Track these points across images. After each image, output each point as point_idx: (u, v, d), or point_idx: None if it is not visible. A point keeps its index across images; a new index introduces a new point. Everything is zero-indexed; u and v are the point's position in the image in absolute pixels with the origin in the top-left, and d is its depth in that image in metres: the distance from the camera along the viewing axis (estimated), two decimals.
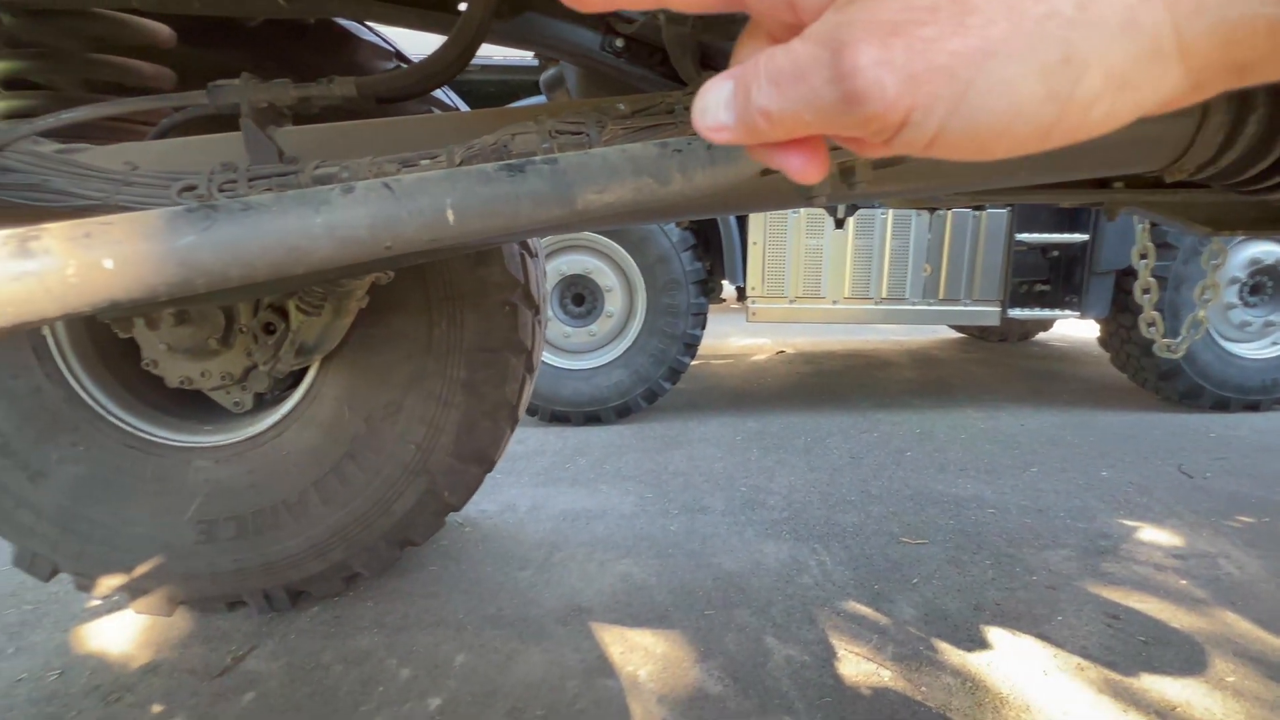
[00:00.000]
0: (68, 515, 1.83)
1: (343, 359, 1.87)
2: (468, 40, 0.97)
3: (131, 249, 0.51)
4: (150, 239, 0.52)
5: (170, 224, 0.53)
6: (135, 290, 0.52)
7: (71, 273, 0.50)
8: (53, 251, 0.50)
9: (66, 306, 0.52)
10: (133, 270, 0.52)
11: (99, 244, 0.51)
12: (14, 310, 0.50)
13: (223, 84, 0.91)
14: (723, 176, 0.68)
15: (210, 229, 0.54)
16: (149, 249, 0.52)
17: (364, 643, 1.86)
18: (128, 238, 0.51)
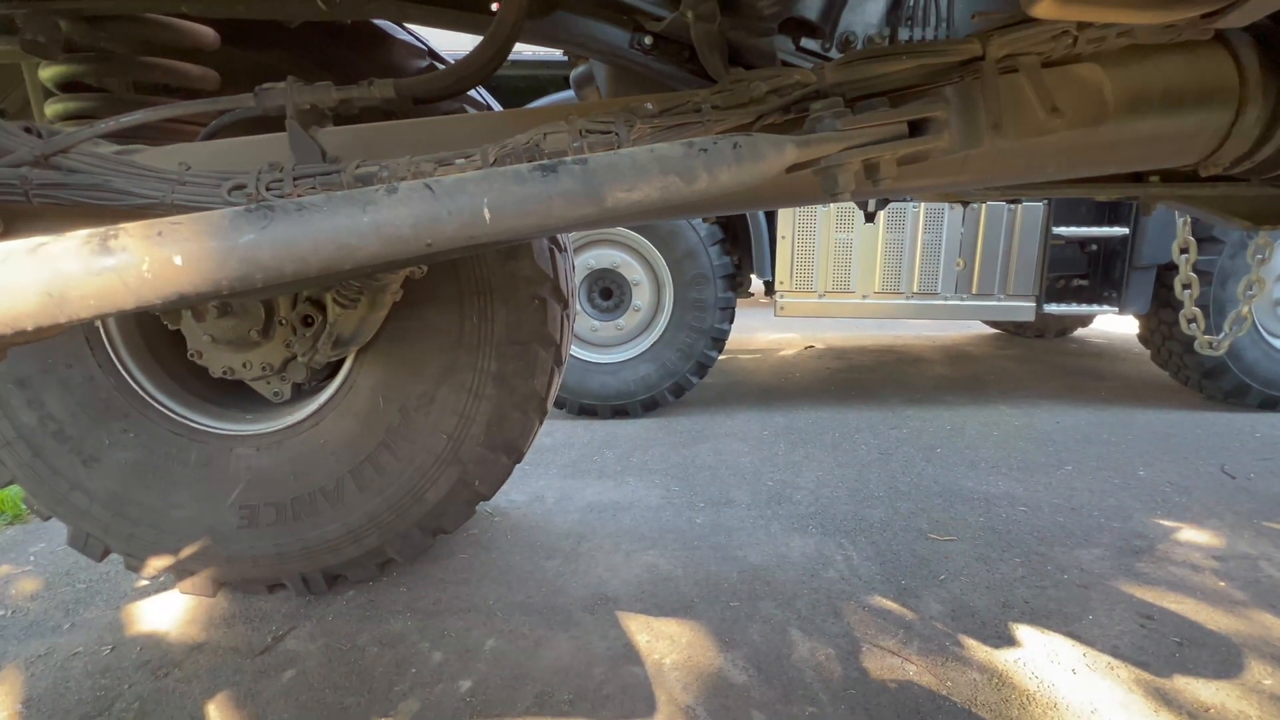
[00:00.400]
0: (118, 499, 1.91)
1: (378, 351, 1.92)
2: (501, 41, 1.00)
3: (199, 246, 0.55)
4: (215, 237, 0.56)
5: (233, 223, 0.57)
6: (202, 284, 0.56)
7: (146, 269, 0.54)
8: (130, 249, 0.54)
9: (142, 300, 0.56)
10: (200, 266, 0.56)
11: (170, 242, 0.55)
12: (96, 303, 0.55)
13: (269, 87, 0.95)
14: (748, 175, 0.69)
15: (268, 227, 0.57)
16: (214, 246, 0.55)
17: (397, 626, 1.92)
18: (195, 236, 0.55)
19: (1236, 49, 0.93)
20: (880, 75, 0.85)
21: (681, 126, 0.82)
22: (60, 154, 0.90)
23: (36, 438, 1.90)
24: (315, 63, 1.78)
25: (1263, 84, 0.92)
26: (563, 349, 2.15)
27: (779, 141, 0.74)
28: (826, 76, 0.85)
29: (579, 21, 1.32)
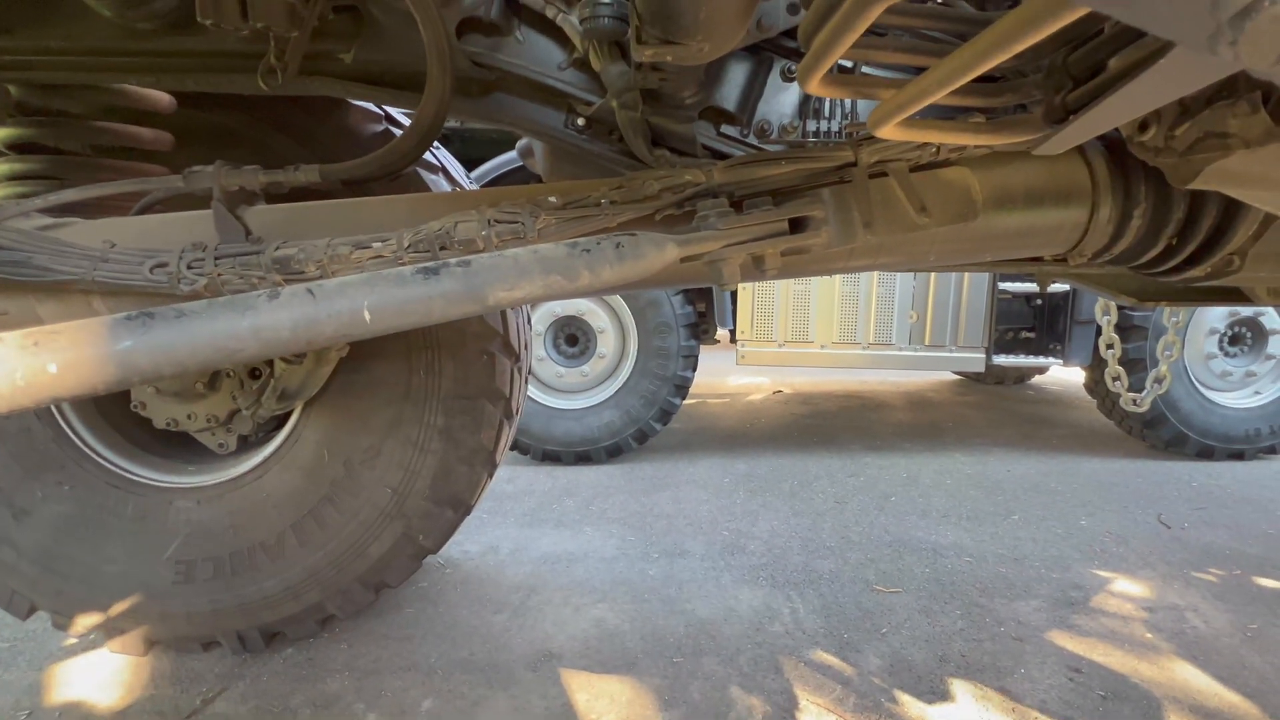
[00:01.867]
0: (49, 554, 1.88)
1: (324, 404, 1.94)
2: (425, 129, 1.06)
3: (75, 355, 0.59)
4: (92, 345, 0.59)
5: (111, 330, 0.60)
6: (76, 389, 0.60)
7: (21, 377, 0.57)
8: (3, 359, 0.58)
9: (13, 405, 0.59)
10: (75, 372, 0.59)
11: (45, 351, 0.58)
12: None
13: (197, 170, 1.00)
14: (630, 272, 0.75)
15: (147, 334, 0.61)
16: (90, 354, 0.59)
17: (334, 686, 1.89)
18: (72, 345, 0.59)
19: (1088, 155, 1.02)
20: (763, 177, 0.93)
21: (582, 219, 0.88)
22: None
23: None
24: (271, 125, 1.83)
25: (1111, 186, 1.01)
26: (513, 402, 2.18)
27: (661, 241, 0.80)
28: (715, 177, 0.92)
29: (516, 103, 1.40)
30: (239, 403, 1.90)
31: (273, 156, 1.81)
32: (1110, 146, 1.03)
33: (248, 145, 1.81)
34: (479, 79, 1.38)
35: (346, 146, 1.88)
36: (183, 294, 0.94)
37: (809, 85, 0.72)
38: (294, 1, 1.19)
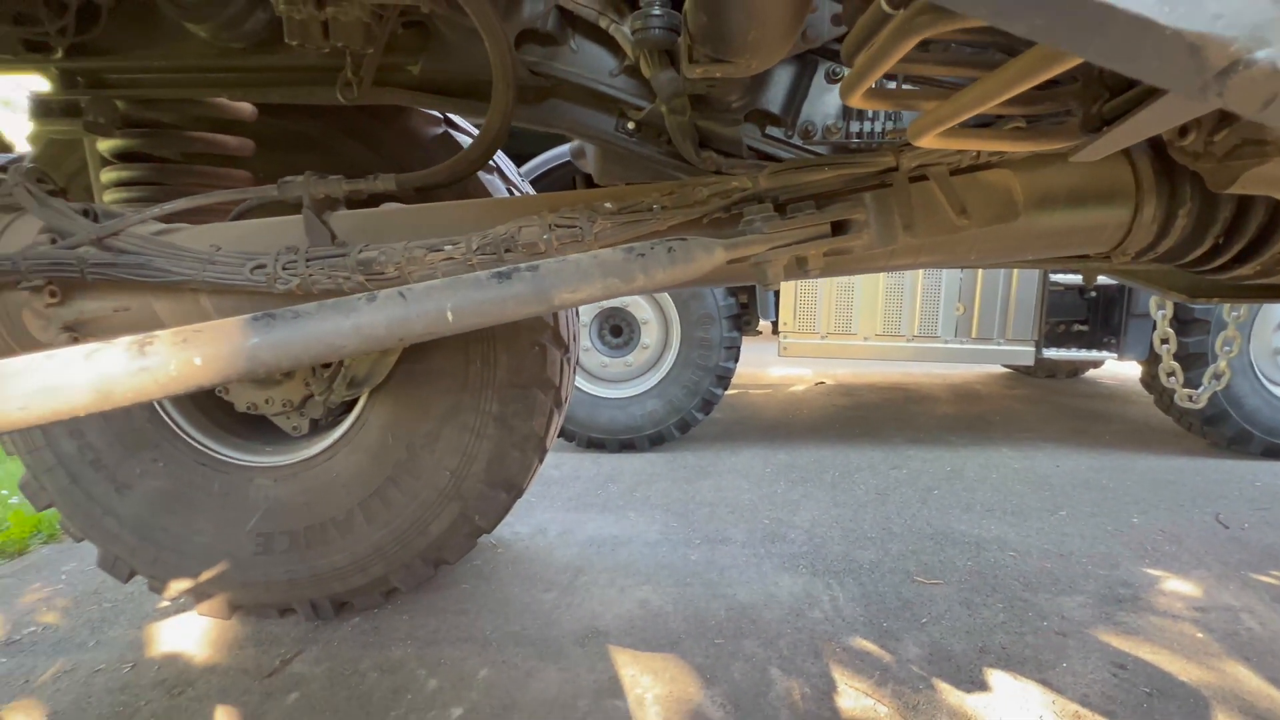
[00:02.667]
0: (146, 524, 2.07)
1: (388, 391, 2.07)
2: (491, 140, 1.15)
3: (215, 350, 0.70)
4: (228, 342, 0.70)
5: (243, 330, 0.71)
6: (216, 378, 0.70)
7: (173, 369, 0.68)
8: (161, 353, 0.69)
9: (168, 391, 0.70)
10: (215, 364, 0.70)
11: (193, 346, 0.69)
12: (133, 395, 0.69)
13: (289, 180, 1.11)
14: (681, 274, 0.82)
15: (270, 332, 0.71)
16: (227, 349, 0.70)
17: (397, 653, 2.03)
18: (213, 341, 0.70)
19: (1133, 156, 1.04)
20: (807, 182, 0.98)
21: (636, 223, 0.95)
22: (111, 236, 1.06)
23: (75, 465, 2.06)
24: (341, 130, 1.96)
25: (1156, 186, 1.03)
26: (562, 391, 2.28)
27: (710, 245, 0.87)
28: (760, 183, 0.98)
29: (570, 108, 1.48)
30: (312, 389, 2.04)
31: (342, 160, 1.94)
32: (1155, 147, 1.05)
33: (319, 150, 1.94)
34: (536, 86, 1.46)
35: (409, 149, 2.00)
36: (278, 293, 1.05)
37: (851, 99, 0.78)
38: (369, 21, 1.29)
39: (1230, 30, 0.30)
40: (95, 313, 1.07)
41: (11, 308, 1.04)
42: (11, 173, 1.11)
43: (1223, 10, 0.30)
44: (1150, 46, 0.31)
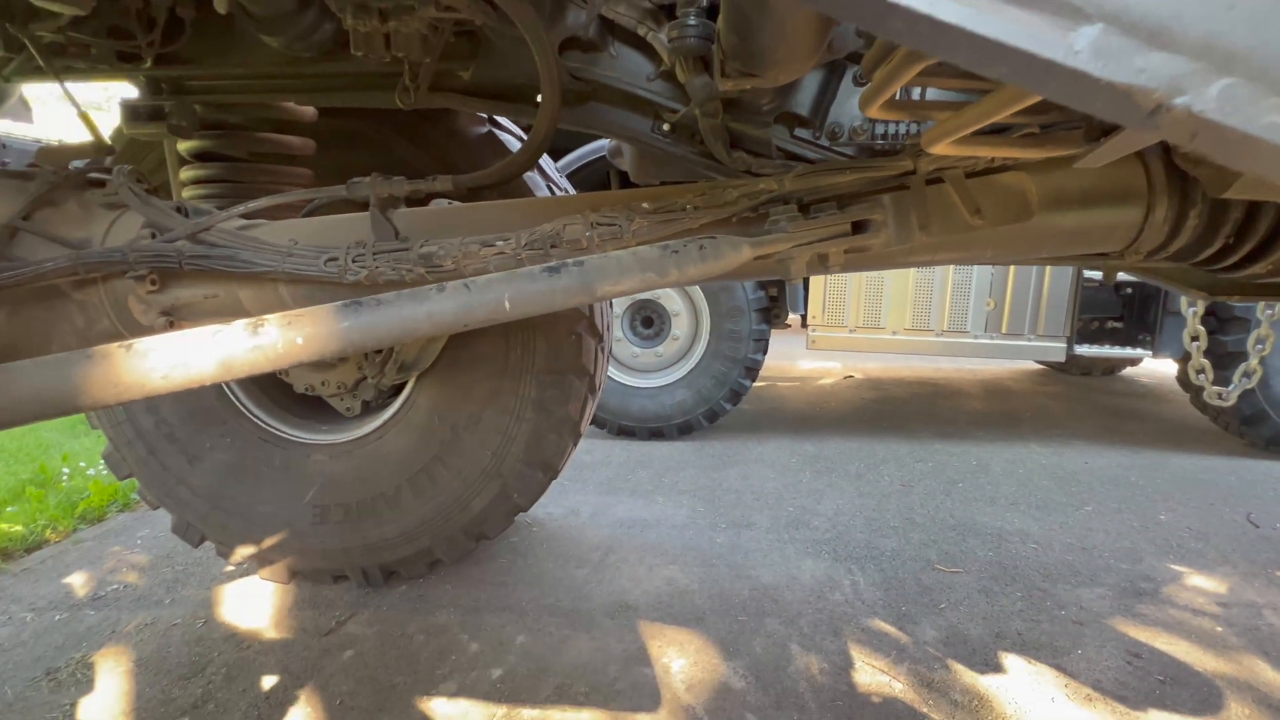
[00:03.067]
0: (215, 493, 2.24)
1: (434, 376, 2.20)
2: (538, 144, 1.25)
3: (314, 330, 0.82)
4: (325, 324, 0.82)
5: (336, 314, 0.83)
6: (313, 355, 0.83)
7: (280, 346, 0.81)
8: (273, 333, 0.81)
9: (277, 365, 0.83)
10: (314, 342, 0.82)
11: (296, 328, 0.82)
12: (248, 367, 0.82)
13: (358, 181, 1.23)
14: (711, 269, 0.92)
15: (358, 317, 0.83)
16: (324, 330, 0.82)
17: (442, 619, 2.18)
18: (314, 323, 0.82)
19: (1146, 158, 1.09)
20: (829, 185, 1.06)
21: (670, 221, 1.05)
22: (203, 231, 1.20)
23: (152, 438, 2.25)
24: (393, 129, 2.09)
25: (1168, 187, 1.08)
26: (596, 378, 2.39)
27: (738, 243, 0.96)
28: (786, 185, 1.06)
29: (608, 111, 1.58)
30: (365, 372, 2.19)
31: (393, 156, 2.08)
32: (1167, 150, 1.10)
33: (372, 147, 2.07)
34: (577, 90, 1.57)
35: (455, 146, 2.12)
36: (348, 283, 1.17)
37: (870, 111, 0.86)
38: (426, 32, 1.41)
39: (1152, 82, 0.38)
40: (189, 299, 1.21)
41: (120, 294, 1.19)
42: (116, 174, 1.25)
43: (1146, 65, 0.38)
44: (1091, 92, 0.40)
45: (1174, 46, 0.37)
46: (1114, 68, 0.38)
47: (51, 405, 0.79)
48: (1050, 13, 0.38)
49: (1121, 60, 0.38)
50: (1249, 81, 0.37)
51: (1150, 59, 0.38)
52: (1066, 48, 0.38)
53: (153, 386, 0.80)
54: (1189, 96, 0.38)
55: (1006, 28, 0.38)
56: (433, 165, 2.06)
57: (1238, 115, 0.37)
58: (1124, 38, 0.37)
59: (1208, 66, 0.37)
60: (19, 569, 2.61)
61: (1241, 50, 0.37)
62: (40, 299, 1.17)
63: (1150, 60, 0.38)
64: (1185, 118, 0.38)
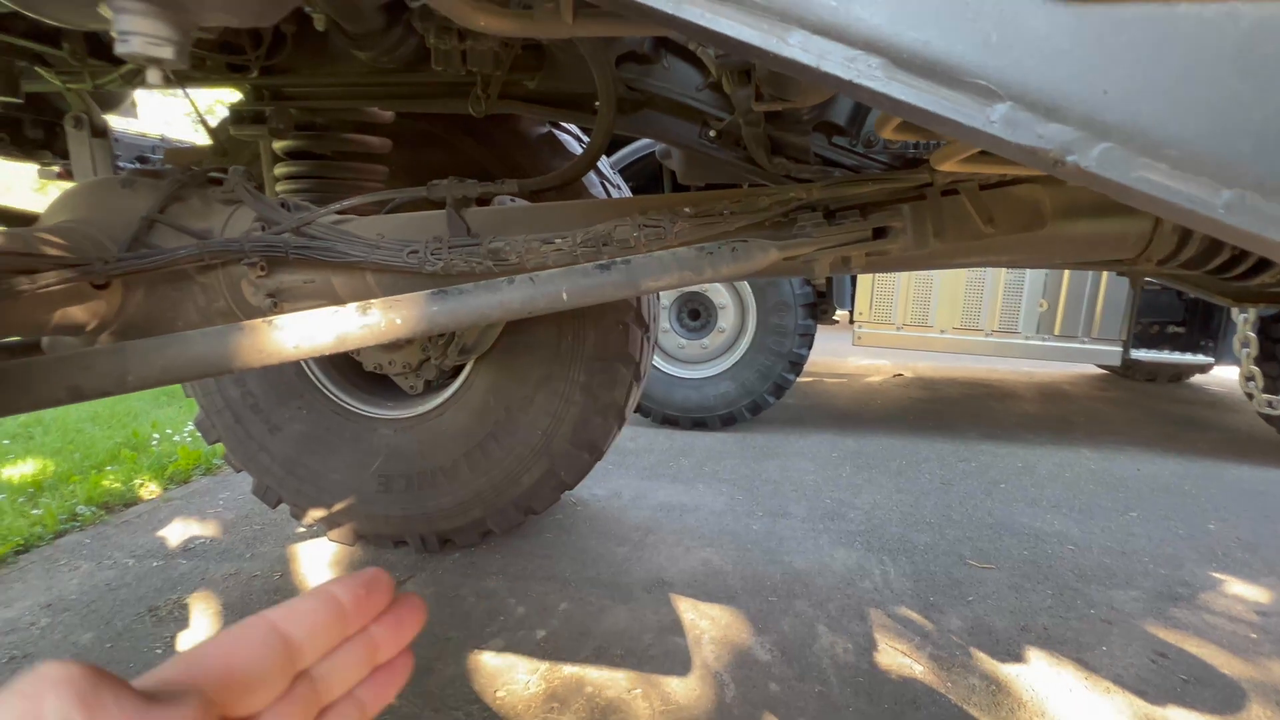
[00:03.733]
0: (292, 460, 2.48)
1: (492, 359, 2.38)
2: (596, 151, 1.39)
3: (410, 313, 0.98)
4: (418, 308, 0.98)
5: (427, 300, 0.99)
6: (406, 333, 0.99)
7: (383, 325, 0.97)
8: (377, 314, 0.97)
9: (380, 339, 1.00)
10: (409, 323, 0.98)
11: (395, 310, 0.98)
12: (357, 341, 0.99)
13: (437, 184, 1.39)
14: (742, 269, 1.04)
15: (444, 303, 0.99)
16: (418, 312, 0.98)
17: (491, 584, 2.37)
18: (409, 307, 0.98)
19: None
20: (853, 194, 1.17)
21: (708, 224, 1.17)
22: (305, 225, 1.38)
23: (238, 408, 2.50)
24: (461, 130, 2.26)
25: None
26: (642, 366, 2.53)
27: (766, 245, 1.07)
28: (813, 194, 1.17)
29: (660, 118, 1.71)
30: (428, 354, 2.38)
31: (460, 155, 2.25)
32: None
33: (443, 147, 2.25)
34: (632, 100, 1.70)
35: (518, 146, 2.29)
36: (426, 273, 1.34)
37: (884, 132, 0.96)
38: (498, 49, 1.56)
39: (1049, 145, 0.49)
40: (291, 284, 1.40)
41: (235, 278, 1.38)
42: (232, 174, 1.45)
43: (1044, 133, 0.49)
44: (1008, 150, 0.51)
45: (1064, 119, 0.49)
46: (1020, 134, 0.49)
47: (214, 365, 0.97)
48: (972, 93, 0.50)
49: (1026, 129, 0.49)
50: (1120, 145, 0.48)
51: (1047, 128, 0.49)
52: (984, 119, 0.49)
53: (286, 354, 0.98)
54: (1077, 156, 0.49)
55: (941, 104, 0.49)
56: (497, 163, 2.23)
57: (1114, 170, 0.48)
58: (1027, 112, 0.49)
59: (1090, 134, 0.48)
60: (119, 521, 2.93)
61: (1114, 123, 0.48)
62: (171, 281, 1.37)
63: (1047, 129, 0.49)
64: (1077, 171, 0.49)
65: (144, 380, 0.97)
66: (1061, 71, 0.51)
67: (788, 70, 0.53)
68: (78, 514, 2.91)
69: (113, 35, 0.72)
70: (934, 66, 0.51)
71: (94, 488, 3.13)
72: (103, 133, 2.09)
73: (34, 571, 2.47)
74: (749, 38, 0.51)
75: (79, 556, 2.58)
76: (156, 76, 0.76)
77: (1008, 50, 0.51)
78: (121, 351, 0.98)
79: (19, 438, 4.10)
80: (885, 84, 0.50)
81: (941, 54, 0.51)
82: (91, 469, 3.45)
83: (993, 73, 0.51)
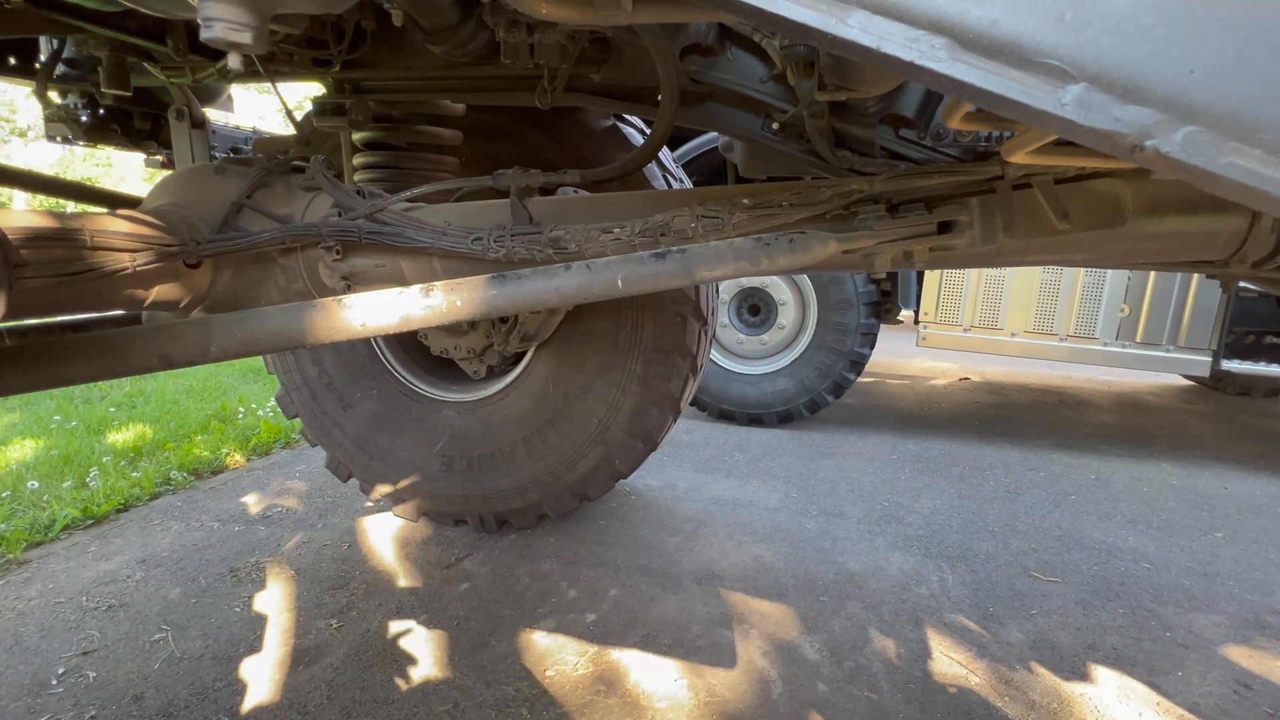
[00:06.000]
0: (362, 438, 2.60)
1: (552, 347, 2.43)
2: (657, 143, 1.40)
3: (469, 296, 1.02)
4: (478, 291, 1.02)
5: (486, 284, 1.03)
6: (468, 314, 1.04)
7: (444, 307, 1.02)
8: (440, 296, 1.02)
9: (442, 320, 1.04)
10: (468, 306, 1.02)
11: (456, 293, 1.02)
12: (419, 322, 1.04)
13: (502, 173, 1.44)
14: (800, 260, 1.03)
15: (503, 287, 1.03)
16: (477, 295, 1.02)
17: (545, 566, 2.42)
18: (469, 290, 1.02)
19: None
20: (918, 187, 1.13)
21: (767, 216, 1.17)
22: (379, 211, 1.45)
23: (315, 385, 2.64)
24: (528, 123, 2.32)
25: None
26: (698, 359, 2.53)
27: (825, 238, 1.06)
28: (876, 186, 1.14)
29: (723, 110, 1.71)
30: (492, 340, 2.45)
31: (527, 146, 2.31)
32: None
33: (510, 139, 2.31)
34: (696, 92, 1.70)
35: (582, 138, 2.32)
36: (489, 259, 1.39)
37: (952, 122, 0.94)
38: (564, 42, 1.59)
39: (1127, 129, 0.47)
40: (363, 267, 1.47)
41: (312, 260, 1.47)
42: (313, 163, 1.54)
43: (1122, 116, 0.47)
44: (1082, 135, 0.49)
45: (1144, 101, 0.46)
46: (1095, 117, 0.47)
47: (288, 339, 1.04)
48: (1043, 75, 0.48)
49: (1101, 112, 0.47)
50: (1207, 129, 0.45)
51: (1125, 110, 0.46)
52: (1056, 101, 0.47)
53: (354, 331, 1.04)
54: (1157, 140, 0.46)
55: (1009, 86, 0.48)
56: (563, 155, 2.28)
57: (1200, 156, 0.45)
58: (1103, 94, 0.47)
59: (1173, 117, 0.46)
60: (207, 487, 3.14)
61: (1201, 105, 0.45)
62: (255, 261, 1.47)
63: (1125, 112, 0.46)
64: (1157, 157, 0.47)
65: (225, 351, 1.05)
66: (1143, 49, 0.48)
67: (848, 53, 0.53)
68: (171, 479, 3.15)
69: (198, 21, 0.78)
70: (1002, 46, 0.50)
71: (186, 455, 3.37)
72: (201, 124, 2.25)
73: (132, 529, 2.68)
74: (806, 19, 0.51)
75: (171, 518, 2.79)
76: (238, 61, 0.82)
77: (1084, 27, 0.49)
78: (206, 324, 1.06)
79: (123, 406, 4.45)
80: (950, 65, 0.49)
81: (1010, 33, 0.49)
82: (184, 438, 3.71)
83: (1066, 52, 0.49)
